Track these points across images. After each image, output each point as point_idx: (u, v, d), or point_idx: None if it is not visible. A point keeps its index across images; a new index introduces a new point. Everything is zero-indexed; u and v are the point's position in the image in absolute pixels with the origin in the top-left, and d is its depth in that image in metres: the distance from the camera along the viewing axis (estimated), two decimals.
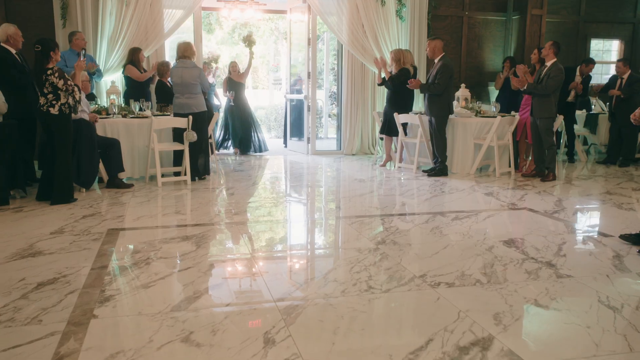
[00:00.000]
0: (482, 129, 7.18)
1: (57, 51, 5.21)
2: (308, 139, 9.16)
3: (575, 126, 8.58)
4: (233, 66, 9.14)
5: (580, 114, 9.03)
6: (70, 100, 5.22)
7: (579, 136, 8.74)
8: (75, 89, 5.23)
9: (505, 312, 2.80)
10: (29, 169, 6.08)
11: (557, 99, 6.57)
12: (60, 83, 5.14)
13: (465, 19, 9.46)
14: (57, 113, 5.19)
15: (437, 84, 6.71)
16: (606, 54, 10.74)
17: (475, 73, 9.65)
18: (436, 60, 6.87)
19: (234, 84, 9.00)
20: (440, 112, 6.84)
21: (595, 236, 4.29)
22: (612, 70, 10.70)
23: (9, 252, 3.79)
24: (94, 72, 7.15)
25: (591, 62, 8.48)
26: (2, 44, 6.16)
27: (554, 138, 6.79)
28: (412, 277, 3.29)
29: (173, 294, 3.04)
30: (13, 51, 6.04)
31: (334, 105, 13.84)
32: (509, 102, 8.46)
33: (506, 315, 2.76)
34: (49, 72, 5.14)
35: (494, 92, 9.57)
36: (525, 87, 6.57)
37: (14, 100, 5.84)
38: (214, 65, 10.08)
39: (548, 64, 6.51)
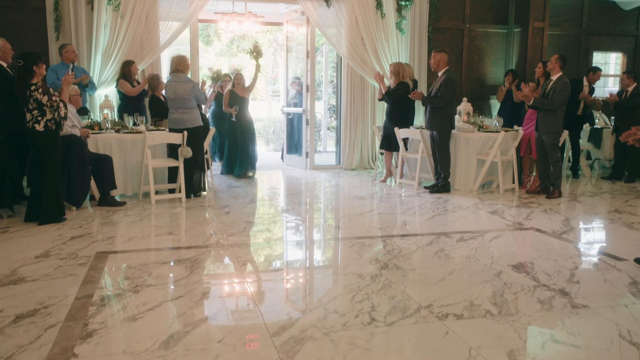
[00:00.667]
0: (485, 144, 7.00)
1: (41, 65, 5.01)
2: (306, 153, 8.97)
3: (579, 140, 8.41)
4: (238, 79, 8.14)
5: (584, 128, 8.86)
6: (56, 116, 5.02)
7: (582, 150, 8.56)
8: (61, 104, 5.02)
9: (520, 349, 2.59)
10: (17, 187, 5.87)
11: (563, 113, 6.40)
12: (45, 99, 4.95)
13: (466, 31, 9.33)
14: (42, 130, 4.99)
15: (440, 97, 6.54)
16: (605, 67, 10.60)
17: (476, 86, 9.50)
18: (440, 73, 6.70)
19: (237, 98, 8.04)
20: (442, 126, 6.66)
21: (608, 260, 4.09)
22: (610, 83, 10.58)
23: None
24: (87, 85, 6.97)
25: (598, 70, 8.31)
26: None
27: (560, 153, 6.60)
28: (417, 308, 3.08)
29: (162, 328, 2.82)
30: (4, 65, 5.87)
31: (332, 117, 13.71)
32: (511, 115, 8.31)
33: (521, 353, 2.55)
34: (32, 87, 4.95)
35: (495, 105, 9.42)
36: (531, 102, 6.39)
37: (4, 114, 5.66)
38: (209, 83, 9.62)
39: (554, 77, 6.34)
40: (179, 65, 6.22)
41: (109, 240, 4.57)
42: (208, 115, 9.05)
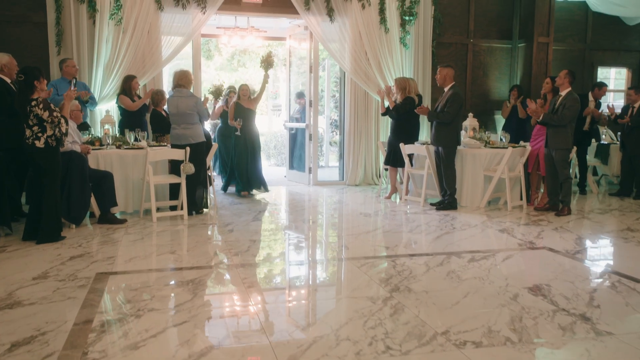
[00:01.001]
0: (492, 160, 6.88)
1: (42, 80, 4.90)
2: (309, 169, 8.85)
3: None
4: (243, 90, 7.73)
5: (591, 144, 8.75)
6: (57, 132, 4.90)
7: (588, 166, 8.45)
8: (62, 120, 4.91)
9: None
10: (15, 204, 5.73)
11: (573, 129, 6.30)
12: (45, 114, 4.83)
13: (470, 46, 9.26)
14: (42, 146, 4.87)
15: (447, 113, 6.44)
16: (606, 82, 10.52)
17: (480, 101, 9.42)
18: (446, 89, 6.61)
19: (242, 110, 7.61)
20: (448, 142, 6.55)
21: (627, 282, 3.95)
22: (610, 99, 10.49)
23: None
24: (87, 101, 6.87)
25: (604, 85, 8.22)
26: None
27: (569, 170, 6.49)
28: (433, 335, 2.94)
29: (166, 357, 2.67)
30: (8, 81, 5.76)
31: (334, 132, 13.62)
32: (516, 131, 8.21)
33: None
34: (33, 103, 4.84)
35: (500, 121, 9.33)
36: (540, 118, 6.29)
37: (3, 129, 5.55)
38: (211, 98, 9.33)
39: (563, 93, 6.25)
40: (182, 80, 6.12)
41: (109, 260, 4.43)
42: (214, 133, 8.92)
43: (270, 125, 19.52)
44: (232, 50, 20.05)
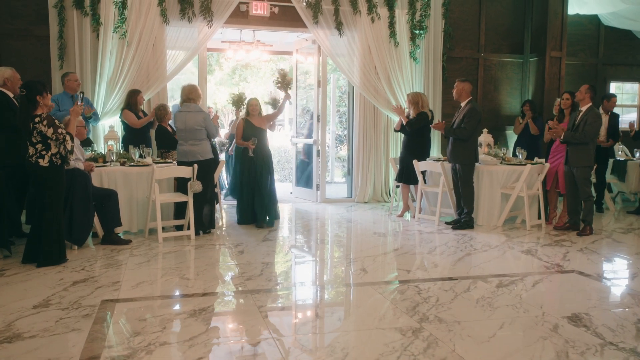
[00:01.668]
0: (509, 177, 6.65)
1: (45, 95, 4.66)
2: (317, 185, 8.61)
3: None
4: (253, 106, 6.78)
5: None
6: (62, 150, 4.66)
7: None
8: (67, 137, 4.67)
9: None
10: (14, 224, 5.47)
11: (595, 146, 6.08)
12: (50, 132, 4.58)
13: (481, 60, 9.09)
14: (47, 165, 4.62)
15: (464, 129, 6.22)
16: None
17: (491, 116, 9.21)
18: (463, 104, 6.39)
19: (252, 129, 6.67)
20: (466, 159, 6.32)
21: None
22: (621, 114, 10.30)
23: None
24: (90, 117, 6.64)
25: (613, 96, 8.00)
26: (1, 89, 5.70)
27: (591, 188, 6.26)
28: None
29: None
30: (11, 95, 5.54)
31: (338, 147, 13.40)
32: (528, 147, 7.97)
33: None
34: (36, 119, 4.59)
35: (511, 137, 9.12)
36: (562, 137, 6.06)
37: (3, 147, 5.32)
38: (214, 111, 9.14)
39: (583, 108, 6.03)
40: (191, 94, 5.90)
41: (115, 285, 4.16)
42: (231, 151, 8.67)
43: (271, 140, 19.33)
44: (233, 65, 19.93)
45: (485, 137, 7.22)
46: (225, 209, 7.79)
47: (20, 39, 7.30)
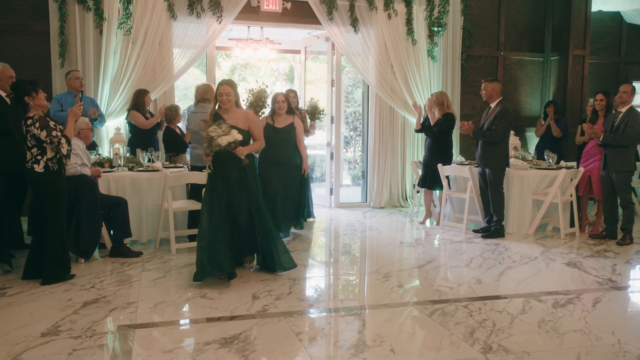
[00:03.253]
0: (540, 182, 6.27)
1: (36, 96, 4.20)
2: (331, 190, 8.20)
3: None
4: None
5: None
6: (59, 155, 4.22)
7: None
8: (63, 140, 4.21)
9: None
10: (15, 235, 5.02)
11: (635, 149, 5.71)
12: (43, 134, 4.13)
13: (501, 59, 8.70)
14: (42, 171, 4.19)
15: (495, 131, 5.83)
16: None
17: (513, 118, 8.82)
18: (493, 105, 6.00)
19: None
20: (497, 164, 5.94)
21: None
22: None
23: None
24: (96, 118, 6.19)
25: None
26: None
27: (631, 194, 5.89)
28: None
29: None
30: (3, 94, 5.10)
31: (345, 149, 13.01)
32: (551, 150, 7.60)
33: None
34: (29, 121, 4.15)
35: (531, 138, 8.77)
36: (601, 140, 5.69)
37: (2, 149, 4.89)
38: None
39: (623, 110, 5.67)
40: (206, 95, 5.52)
41: (130, 307, 3.74)
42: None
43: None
44: (232, 64, 19.45)
45: (512, 140, 6.83)
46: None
47: (17, 35, 6.83)
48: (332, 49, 8.05)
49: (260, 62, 17.62)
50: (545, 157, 6.76)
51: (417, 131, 6.93)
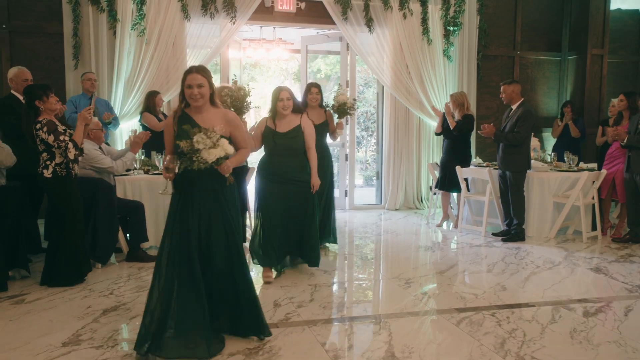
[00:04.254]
0: (561, 185, 6.16)
1: (47, 100, 4.16)
2: (346, 192, 8.11)
3: None
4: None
5: None
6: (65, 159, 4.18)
7: None
8: (70, 145, 4.15)
9: None
10: (32, 240, 4.97)
11: None
12: (51, 139, 4.09)
13: (517, 58, 8.58)
14: (50, 176, 4.15)
15: (517, 133, 5.71)
16: None
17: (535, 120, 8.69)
18: (514, 107, 5.89)
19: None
20: (518, 166, 5.83)
21: None
22: None
23: None
24: (110, 122, 6.13)
25: None
26: (11, 91, 5.26)
27: None
28: None
29: None
30: (20, 97, 5.06)
31: (357, 150, 12.90)
32: (569, 151, 7.50)
33: None
34: (37, 126, 4.11)
35: (548, 139, 8.64)
36: (624, 141, 5.57)
37: (17, 154, 4.83)
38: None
39: None
40: (220, 96, 5.39)
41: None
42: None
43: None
44: (242, 64, 19.38)
45: (532, 141, 6.71)
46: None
47: (31, 37, 6.80)
48: (346, 49, 7.96)
49: (269, 61, 17.57)
50: (566, 158, 6.64)
51: (438, 134, 6.81)
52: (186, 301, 2.99)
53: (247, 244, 5.61)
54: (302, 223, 4.50)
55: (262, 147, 4.61)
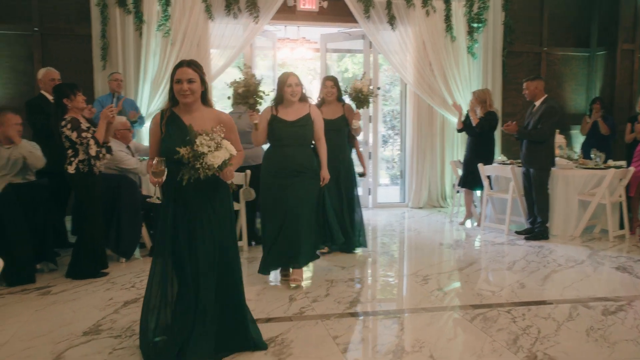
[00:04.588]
0: (587, 182, 6.04)
1: (74, 98, 4.32)
2: (369, 190, 8.11)
3: None
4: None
5: None
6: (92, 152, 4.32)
7: None
8: (91, 142, 4.28)
9: None
10: (59, 235, 5.14)
11: None
12: (74, 135, 4.24)
13: (544, 55, 8.43)
14: (73, 172, 4.31)
15: (541, 129, 5.63)
16: None
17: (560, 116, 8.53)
18: (537, 103, 5.80)
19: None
20: (542, 163, 5.74)
21: None
22: None
23: None
24: (136, 121, 6.29)
25: None
26: (40, 91, 5.48)
27: None
28: None
29: None
30: (50, 97, 5.24)
31: (383, 148, 12.88)
32: (598, 149, 7.31)
33: None
34: (62, 123, 4.27)
35: (576, 137, 8.46)
36: None
37: (45, 152, 5.01)
38: None
39: None
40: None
41: None
42: None
43: None
44: (270, 63, 19.54)
45: (557, 139, 6.59)
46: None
47: (61, 39, 7.03)
48: (369, 46, 7.96)
49: (296, 61, 17.64)
50: (592, 156, 6.52)
51: (459, 131, 6.76)
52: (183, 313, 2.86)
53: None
54: (299, 223, 4.11)
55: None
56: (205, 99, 2.93)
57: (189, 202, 2.84)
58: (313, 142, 4.37)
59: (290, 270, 4.27)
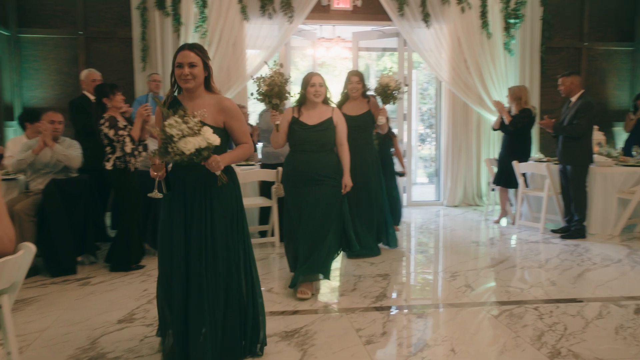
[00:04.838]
0: (627, 180, 5.87)
1: (113, 97, 4.52)
2: (404, 188, 8.10)
3: None
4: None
5: None
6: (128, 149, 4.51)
7: None
8: (127, 139, 4.47)
9: None
10: (99, 229, 5.38)
11: None
12: (111, 133, 4.44)
13: (584, 50, 8.21)
14: (111, 168, 4.51)
15: (577, 125, 5.51)
16: None
17: (597, 112, 8.29)
18: (573, 99, 5.68)
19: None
20: (579, 160, 5.62)
21: None
22: None
23: (65, 355, 2.96)
24: None
25: None
26: (83, 91, 5.75)
27: None
28: None
29: None
30: (91, 97, 5.49)
31: (421, 147, 12.80)
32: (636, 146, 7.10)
33: None
34: (101, 121, 4.49)
35: (619, 134, 8.21)
36: None
37: (84, 150, 5.25)
38: None
39: None
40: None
41: None
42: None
43: None
44: (310, 62, 19.64)
45: (595, 135, 6.43)
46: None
47: (105, 42, 7.33)
48: (403, 44, 7.95)
49: (335, 60, 17.71)
50: (634, 153, 6.32)
51: (495, 130, 6.64)
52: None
53: None
54: (319, 231, 3.91)
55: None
56: (208, 85, 2.74)
57: (188, 197, 2.69)
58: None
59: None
